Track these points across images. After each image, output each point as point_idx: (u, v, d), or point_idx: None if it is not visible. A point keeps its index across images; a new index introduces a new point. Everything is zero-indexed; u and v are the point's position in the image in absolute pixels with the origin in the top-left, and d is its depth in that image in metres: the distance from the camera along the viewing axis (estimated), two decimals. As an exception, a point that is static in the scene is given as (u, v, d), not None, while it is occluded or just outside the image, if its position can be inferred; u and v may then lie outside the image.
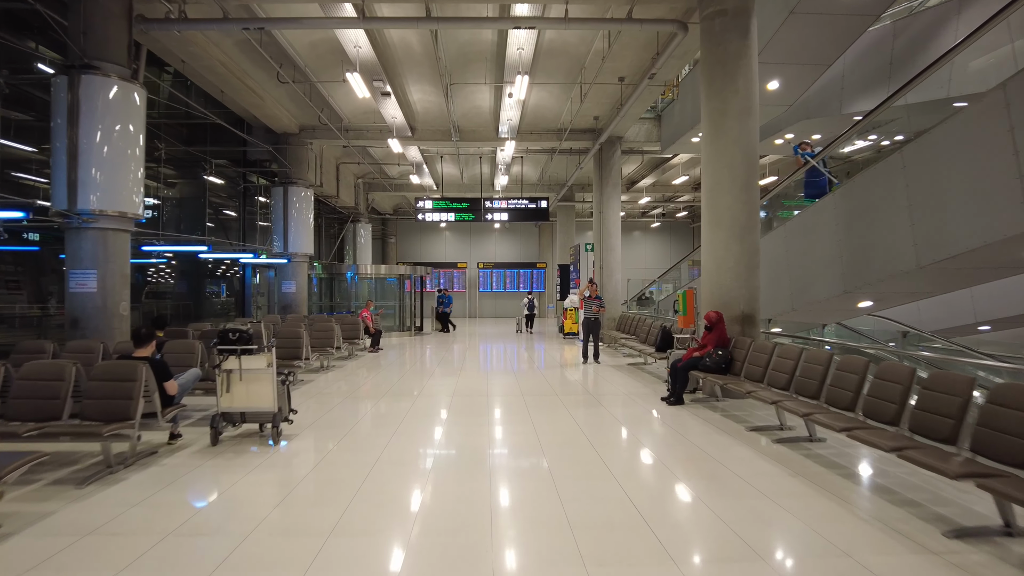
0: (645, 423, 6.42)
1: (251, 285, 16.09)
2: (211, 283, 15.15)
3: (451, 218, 18.08)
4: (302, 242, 14.84)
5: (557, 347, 14.66)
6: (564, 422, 6.34)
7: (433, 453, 5.25)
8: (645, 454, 5.22)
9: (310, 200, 15.17)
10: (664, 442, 5.61)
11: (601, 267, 14.97)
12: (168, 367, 4.99)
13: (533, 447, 5.35)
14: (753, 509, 3.85)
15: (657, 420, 6.50)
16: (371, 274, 17.95)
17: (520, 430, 6.01)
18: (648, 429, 6.19)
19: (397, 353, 13.36)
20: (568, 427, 6.10)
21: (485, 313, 29.04)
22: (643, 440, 5.71)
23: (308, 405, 7.20)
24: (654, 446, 5.47)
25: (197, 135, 13.80)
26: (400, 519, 3.71)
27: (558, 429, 6.02)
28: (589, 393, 8.21)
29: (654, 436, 5.88)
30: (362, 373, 10.07)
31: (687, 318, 8.23)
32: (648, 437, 5.84)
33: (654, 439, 5.75)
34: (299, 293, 14.84)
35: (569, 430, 5.98)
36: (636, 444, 5.60)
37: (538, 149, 17.41)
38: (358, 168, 19.97)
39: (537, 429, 5.99)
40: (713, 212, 7.82)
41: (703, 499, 4.04)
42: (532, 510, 3.90)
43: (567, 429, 6.02)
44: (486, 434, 5.85)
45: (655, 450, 5.31)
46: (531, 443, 5.48)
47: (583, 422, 6.32)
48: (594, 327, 11.05)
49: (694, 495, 4.14)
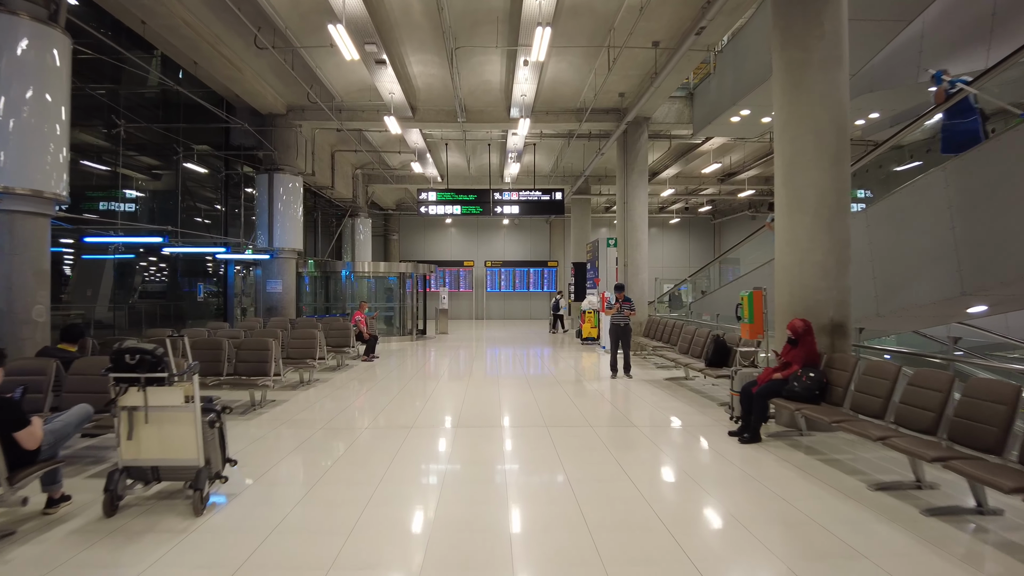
0: (722, 476, 4.67)
1: (237, 284, 14.48)
2: (189, 283, 13.54)
3: (456, 211, 16.43)
4: (289, 236, 13.20)
5: (576, 355, 12.94)
6: (610, 475, 4.62)
7: (426, 536, 3.55)
8: (745, 539, 3.48)
9: (299, 189, 13.53)
10: (767, 516, 3.86)
11: (626, 264, 13.25)
12: (20, 407, 3.31)
13: (573, 525, 3.64)
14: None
15: (737, 470, 4.77)
16: (369, 272, 16.30)
17: (552, 494, 4.29)
18: (730, 487, 4.44)
19: (395, 362, 11.69)
20: (619, 488, 4.33)
21: (493, 315, 27.36)
22: (732, 510, 3.97)
23: (263, 444, 5.53)
24: (755, 523, 3.72)
25: (171, 116, 12.18)
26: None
27: (606, 492, 4.26)
28: (632, 423, 6.48)
29: (747, 501, 4.13)
30: (348, 391, 8.40)
31: (754, 327, 6.50)
32: (737, 503, 4.10)
33: (749, 507, 4.00)
34: (286, 293, 13.20)
35: (621, 492, 4.23)
36: (726, 521, 3.86)
37: (553, 134, 15.71)
38: (356, 157, 18.33)
39: (576, 491, 4.24)
40: (792, 192, 6.09)
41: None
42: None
43: (618, 491, 4.26)
44: (500, 499, 4.13)
45: (762, 533, 3.57)
46: (569, 517, 3.76)
47: (638, 476, 4.57)
48: (624, 335, 9.34)
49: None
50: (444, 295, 18.74)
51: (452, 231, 27.64)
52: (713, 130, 13.23)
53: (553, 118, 13.50)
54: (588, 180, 20.01)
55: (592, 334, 14.88)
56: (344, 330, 10.32)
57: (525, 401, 7.43)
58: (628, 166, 13.37)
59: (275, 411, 6.83)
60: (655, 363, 11.29)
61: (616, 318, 9.36)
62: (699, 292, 16.32)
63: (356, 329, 11.57)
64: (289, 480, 4.58)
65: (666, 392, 8.07)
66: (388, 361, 11.81)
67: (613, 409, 7.12)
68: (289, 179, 13.25)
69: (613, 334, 9.50)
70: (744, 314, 6.58)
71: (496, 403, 7.43)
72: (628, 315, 9.31)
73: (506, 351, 14.04)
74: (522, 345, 15.42)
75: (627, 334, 9.37)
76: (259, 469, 4.69)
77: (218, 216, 13.71)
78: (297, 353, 8.47)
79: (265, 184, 13.09)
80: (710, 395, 7.87)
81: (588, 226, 21.07)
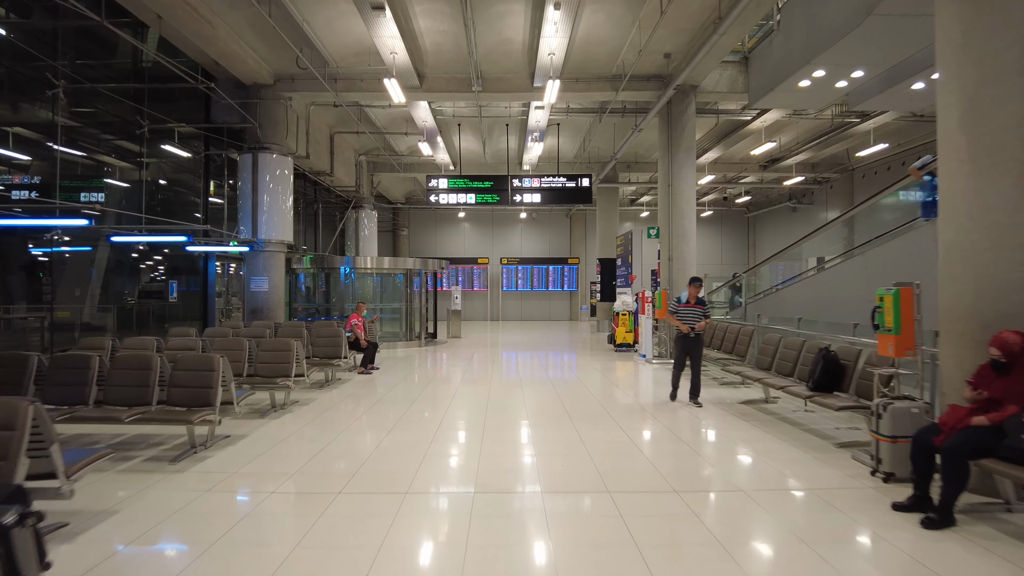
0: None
1: (219, 283, 12.70)
2: (160, 279, 11.77)
3: (471, 200, 14.47)
4: (277, 225, 11.37)
5: (613, 366, 10.93)
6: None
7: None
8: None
9: (288, 172, 11.69)
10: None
11: (670, 258, 11.22)
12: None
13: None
14: None
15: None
16: (372, 269, 14.41)
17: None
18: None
19: (397, 375, 9.77)
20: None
21: (509, 316, 25.41)
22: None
23: (179, 523, 3.63)
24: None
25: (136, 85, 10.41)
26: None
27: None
28: (733, 484, 4.43)
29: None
30: (328, 423, 6.47)
31: (902, 339, 4.47)
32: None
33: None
34: (273, 293, 11.36)
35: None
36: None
37: (581, 109, 13.69)
38: (358, 142, 16.48)
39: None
40: (977, 140, 4.04)
41: None
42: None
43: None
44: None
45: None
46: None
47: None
48: (695, 347, 7.18)
49: None
50: (457, 295, 16.84)
51: (465, 226, 25.74)
52: (773, 100, 11.12)
53: (584, 87, 11.49)
54: (616, 167, 17.99)
55: (627, 339, 12.86)
56: (334, 337, 8.43)
57: (568, 444, 5.46)
58: (673, 142, 11.33)
59: (218, 457, 4.92)
60: (714, 376, 9.26)
61: (686, 318, 7.08)
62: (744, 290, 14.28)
63: (352, 335, 9.69)
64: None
65: (752, 424, 6.05)
66: (389, 374, 9.90)
67: (695, 457, 5.10)
68: (277, 160, 11.41)
69: (680, 346, 7.22)
70: (888, 323, 4.54)
71: (527, 447, 5.46)
72: (702, 324, 7.11)
73: (528, 361, 12.07)
74: (546, 352, 13.45)
75: (699, 346, 7.21)
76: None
77: (196, 204, 11.91)
78: (267, 369, 6.59)
79: (249, 166, 11.26)
80: (814, 428, 5.84)
81: (616, 218, 19.03)
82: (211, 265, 11.99)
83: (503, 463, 4.87)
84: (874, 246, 7.94)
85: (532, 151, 15.73)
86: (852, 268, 8.08)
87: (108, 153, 10.50)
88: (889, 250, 7.62)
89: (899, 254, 7.37)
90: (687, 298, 7.20)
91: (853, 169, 18.32)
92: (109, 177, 10.45)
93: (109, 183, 10.33)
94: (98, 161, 10.22)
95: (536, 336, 17.54)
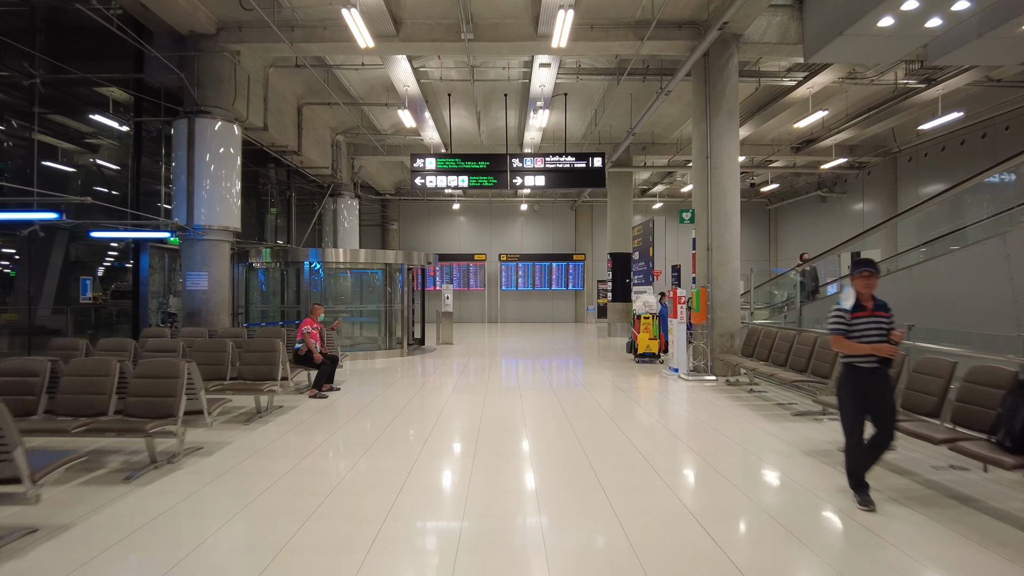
0: None
1: (154, 281, 10.51)
2: (76, 275, 9.55)
3: (463, 183, 12.26)
4: (219, 208, 9.16)
5: (640, 385, 8.72)
6: None
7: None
8: None
9: (235, 143, 9.47)
10: None
11: (709, 248, 9.01)
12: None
13: None
14: None
15: None
16: (345, 263, 12.16)
17: None
18: None
19: (362, 399, 7.55)
20: None
21: (509, 317, 23.20)
22: None
23: None
24: None
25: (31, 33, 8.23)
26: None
27: None
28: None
29: None
30: (224, 500, 4.25)
31: None
32: None
33: None
34: (214, 292, 9.15)
35: None
36: None
37: (594, 69, 11.44)
38: (334, 117, 14.27)
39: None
40: None
41: None
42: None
43: None
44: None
45: None
46: None
47: None
48: (882, 390, 3.81)
49: None
50: (448, 294, 14.62)
51: (461, 219, 23.53)
52: (836, 50, 8.86)
53: (601, 35, 9.27)
54: (631, 149, 15.78)
55: (651, 348, 10.64)
56: (268, 352, 6.20)
57: (603, 537, 3.26)
58: (712, 103, 9.12)
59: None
60: (761, 394, 7.05)
61: (867, 333, 3.76)
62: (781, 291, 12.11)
63: (302, 347, 7.47)
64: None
65: (975, 542, 3.84)
66: (353, 396, 7.67)
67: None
68: (222, 129, 9.20)
69: (855, 390, 3.82)
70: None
71: (536, 557, 3.24)
72: (894, 343, 3.74)
73: (532, 376, 9.86)
74: (553, 363, 11.24)
75: (888, 389, 3.85)
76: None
77: (122, 181, 9.70)
78: (141, 408, 4.37)
79: (184, 135, 9.04)
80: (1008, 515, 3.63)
81: (629, 207, 16.81)
82: (143, 259, 9.77)
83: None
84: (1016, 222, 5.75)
85: (534, 128, 13.51)
86: (982, 255, 5.86)
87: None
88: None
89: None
90: (857, 301, 3.84)
91: (899, 151, 16.10)
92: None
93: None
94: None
95: (539, 341, 15.32)
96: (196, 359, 5.40)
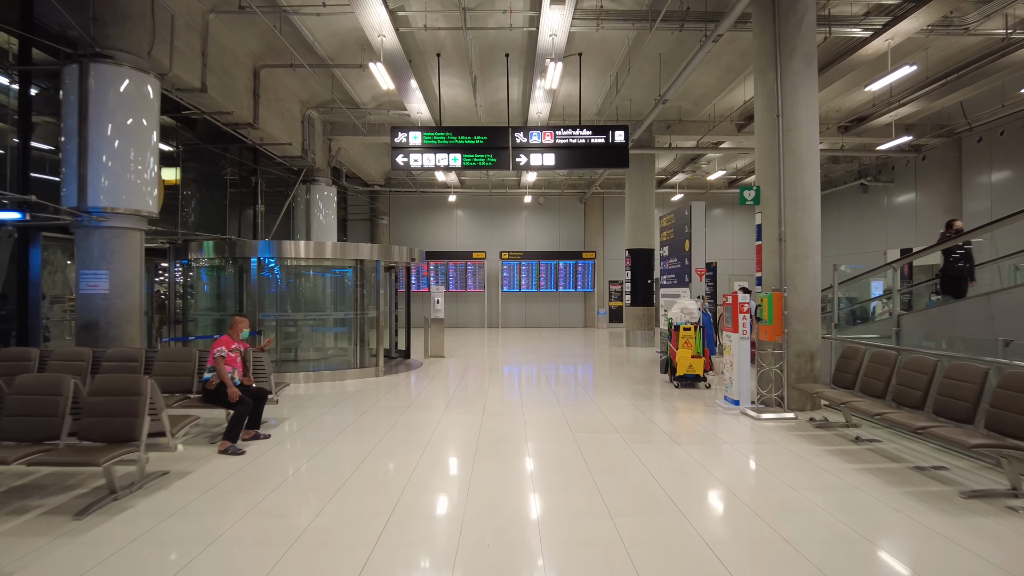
0: None
1: (46, 282, 8.24)
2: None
3: (455, 162, 9.98)
4: (126, 186, 6.85)
5: (690, 425, 6.38)
6: None
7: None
8: None
9: (150, 99, 7.16)
10: None
11: (782, 238, 6.67)
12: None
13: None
14: None
15: None
16: (306, 260, 9.81)
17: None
18: None
19: (296, 457, 5.24)
20: None
21: (511, 322, 20.88)
22: None
23: None
24: None
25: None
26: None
27: None
28: None
29: None
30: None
31: None
32: None
33: None
34: (119, 298, 6.83)
35: None
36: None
37: (619, 15, 9.06)
38: (303, 87, 11.97)
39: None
40: None
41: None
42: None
43: None
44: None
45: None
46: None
47: None
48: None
49: None
50: (438, 298, 12.29)
51: (458, 213, 21.23)
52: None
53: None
54: (653, 128, 13.45)
55: (694, 368, 8.30)
56: (130, 393, 3.89)
57: None
58: (784, 44, 6.79)
59: None
60: (903, 458, 4.72)
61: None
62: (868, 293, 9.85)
63: (212, 377, 5.15)
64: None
65: None
66: (284, 451, 5.36)
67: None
68: (130, 78, 6.89)
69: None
70: None
71: None
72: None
73: (546, 413, 7.54)
74: (567, 384, 8.92)
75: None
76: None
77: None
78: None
79: (75, 85, 6.74)
80: None
81: (651, 196, 14.48)
82: (33, 254, 7.48)
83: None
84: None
85: (540, 100, 11.16)
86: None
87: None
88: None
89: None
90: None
91: (969, 129, 13.75)
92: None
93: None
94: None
95: (546, 352, 12.99)
96: (10, 409, 3.14)
